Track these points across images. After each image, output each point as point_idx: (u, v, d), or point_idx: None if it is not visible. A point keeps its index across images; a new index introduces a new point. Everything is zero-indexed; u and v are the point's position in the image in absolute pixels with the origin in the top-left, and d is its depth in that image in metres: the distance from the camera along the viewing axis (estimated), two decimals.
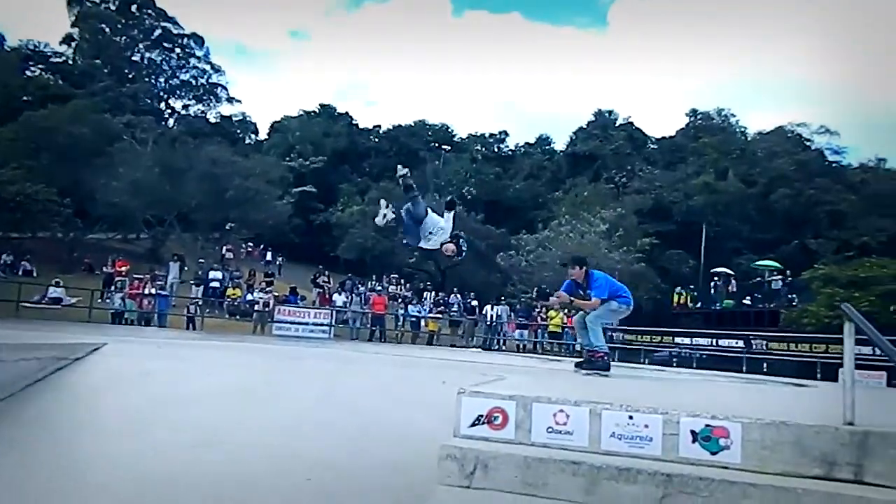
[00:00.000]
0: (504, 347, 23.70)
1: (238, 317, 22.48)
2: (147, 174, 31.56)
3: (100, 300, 21.91)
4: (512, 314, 25.76)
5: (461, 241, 7.72)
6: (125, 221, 35.25)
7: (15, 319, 16.05)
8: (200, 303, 22.60)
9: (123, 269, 24.42)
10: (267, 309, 21.74)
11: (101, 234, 35.38)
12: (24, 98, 39.87)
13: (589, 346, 8.08)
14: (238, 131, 58.23)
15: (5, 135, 32.34)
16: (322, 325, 21.10)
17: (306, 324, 20.91)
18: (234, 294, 23.70)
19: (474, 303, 26.12)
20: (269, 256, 39.45)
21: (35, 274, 25.28)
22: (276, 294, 23.59)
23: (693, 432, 3.85)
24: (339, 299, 24.63)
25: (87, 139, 32.99)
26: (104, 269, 25.34)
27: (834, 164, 53.02)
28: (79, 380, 6.17)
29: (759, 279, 30.48)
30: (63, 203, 29.42)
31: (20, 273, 24.98)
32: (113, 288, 22.57)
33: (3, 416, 5.53)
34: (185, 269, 27.11)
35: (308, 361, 8.11)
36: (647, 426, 3.93)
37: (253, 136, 60.74)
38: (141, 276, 22.63)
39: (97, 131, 34.40)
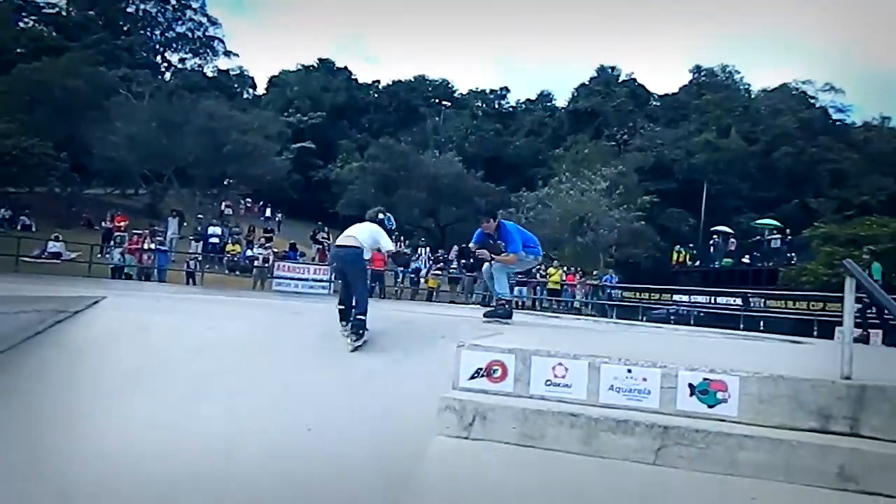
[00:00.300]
0: None
1: (238, 272, 22.49)
2: (144, 128, 31.21)
3: (99, 255, 21.84)
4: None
5: (385, 220, 7.15)
6: (123, 176, 35.04)
7: (14, 274, 16.03)
8: (200, 258, 22.60)
9: (122, 224, 24.32)
10: (266, 265, 21.75)
11: (99, 189, 35.20)
12: (17, 50, 39.10)
13: (494, 294, 8.14)
14: (235, 86, 57.42)
15: None
16: (322, 281, 21.11)
17: (306, 280, 20.93)
18: (233, 250, 23.68)
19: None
20: (268, 212, 39.39)
21: (34, 229, 25.21)
22: (276, 250, 23.58)
23: (691, 386, 3.87)
24: None
25: (82, 92, 32.51)
26: (103, 224, 25.24)
27: (837, 123, 52.53)
28: (78, 332, 6.20)
29: (758, 238, 30.47)
30: (59, 157, 29.16)
31: (19, 228, 24.92)
32: (112, 243, 22.50)
33: (2, 368, 5.57)
34: (185, 224, 27.06)
35: (308, 316, 8.13)
36: (645, 379, 3.96)
37: (251, 90, 59.97)
38: (140, 232, 22.52)
39: (92, 84, 33.87)
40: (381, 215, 7.00)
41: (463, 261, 12.48)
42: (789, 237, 28.04)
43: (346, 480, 4.19)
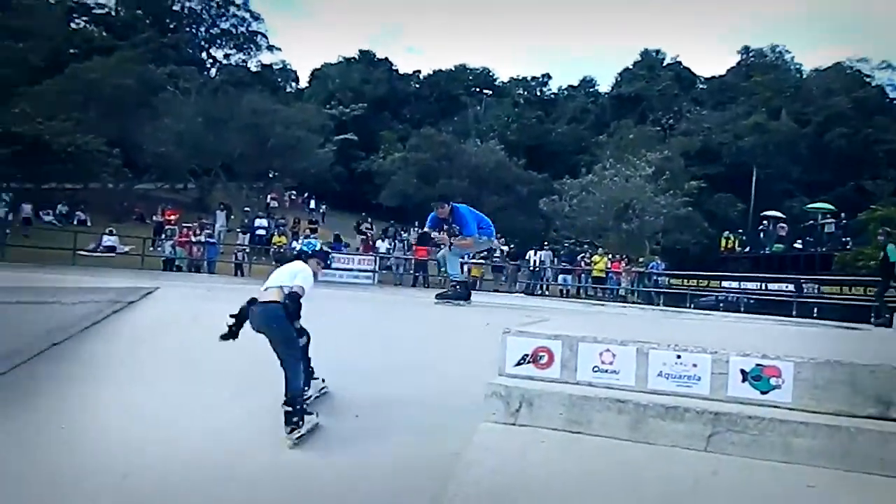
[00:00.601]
0: (547, 293, 23.67)
1: (284, 264, 22.86)
2: (191, 124, 31.94)
3: (151, 248, 22.53)
4: (555, 259, 25.64)
5: (304, 246, 6.18)
6: (172, 171, 35.88)
7: (72, 267, 16.64)
8: (247, 250, 23.08)
9: (173, 217, 25.03)
10: None
11: (149, 185, 36.15)
12: (71, 51, 40.31)
13: (448, 276, 8.48)
14: (279, 80, 58.03)
15: (53, 87, 32.91)
16: (366, 271, 21.36)
17: (351, 270, 21.19)
18: (279, 241, 24.09)
19: (513, 248, 26.12)
20: (312, 204, 39.93)
21: (89, 223, 26.10)
22: (321, 242, 23.90)
23: (743, 371, 3.79)
24: (382, 246, 24.84)
25: (132, 90, 33.39)
26: (154, 217, 26.05)
27: (894, 101, 50.54)
28: (133, 322, 6.40)
29: (811, 222, 29.58)
30: (112, 154, 30.04)
31: (75, 222, 25.88)
32: (163, 236, 23.15)
33: (64, 356, 5.78)
34: (232, 217, 27.66)
35: (354, 305, 8.23)
36: (695, 365, 3.89)
37: (293, 84, 60.54)
38: (189, 225, 23.13)
39: (141, 82, 34.77)
40: (295, 244, 6.54)
41: (424, 246, 12.88)
42: (844, 221, 27.13)
43: (393, 465, 4.23)
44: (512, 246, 26.39)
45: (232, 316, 4.73)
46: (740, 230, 33.54)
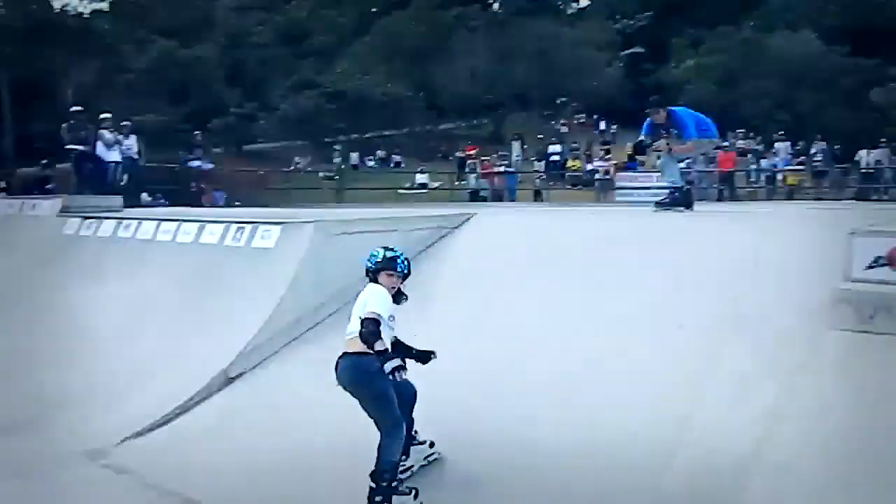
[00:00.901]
0: (885, 196, 20.34)
1: (581, 187, 23.11)
2: (482, 60, 33.45)
3: (457, 182, 24.47)
4: (894, 157, 21.86)
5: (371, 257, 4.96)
6: (468, 109, 38.05)
7: (395, 203, 18.91)
8: (544, 176, 23.78)
9: (473, 152, 26.69)
10: (608, 176, 21.90)
11: (449, 124, 38.87)
12: (372, 10, 44.60)
13: (668, 183, 8.35)
14: (559, 3, 57.29)
15: (363, 45, 36.97)
16: (667, 187, 20.53)
17: (650, 188, 20.54)
18: (574, 165, 24.32)
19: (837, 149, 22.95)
20: (602, 125, 39.26)
21: (403, 165, 29.13)
22: (616, 162, 23.54)
23: None
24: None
25: (428, 36, 35.92)
26: (457, 154, 28.06)
27: None
28: (458, 244, 7.17)
29: None
30: (418, 98, 32.95)
31: (392, 165, 29.13)
32: (467, 170, 24.87)
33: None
34: (526, 146, 28.60)
35: (662, 218, 8.09)
36: None
37: (574, 4, 59.22)
38: (488, 157, 24.52)
39: (433, 27, 37.14)
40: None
41: (639, 156, 12.30)
42: None
43: (736, 373, 4.10)
44: (836, 147, 23.18)
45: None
46: None
